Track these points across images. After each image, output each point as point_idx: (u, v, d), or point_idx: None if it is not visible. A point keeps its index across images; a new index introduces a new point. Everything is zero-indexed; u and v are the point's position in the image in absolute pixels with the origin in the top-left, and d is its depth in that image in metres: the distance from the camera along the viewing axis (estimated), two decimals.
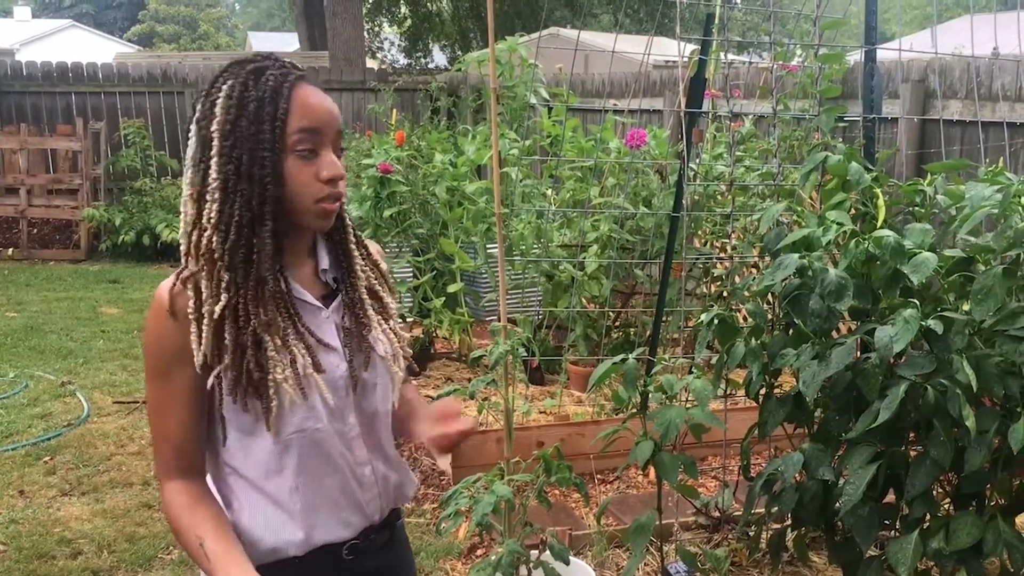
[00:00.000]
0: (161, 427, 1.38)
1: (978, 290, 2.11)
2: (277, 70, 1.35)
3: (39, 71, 10.36)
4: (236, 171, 1.32)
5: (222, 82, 1.35)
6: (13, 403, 4.94)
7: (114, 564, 3.29)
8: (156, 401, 1.38)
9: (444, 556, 3.29)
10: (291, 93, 1.33)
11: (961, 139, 5.01)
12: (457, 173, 5.44)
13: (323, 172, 1.35)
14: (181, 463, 1.39)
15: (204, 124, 1.34)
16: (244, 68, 1.35)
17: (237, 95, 1.33)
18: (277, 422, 1.35)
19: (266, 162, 1.32)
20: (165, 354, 1.35)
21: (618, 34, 5.10)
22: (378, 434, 1.50)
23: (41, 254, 9.40)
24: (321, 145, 1.35)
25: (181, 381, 1.35)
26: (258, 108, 1.32)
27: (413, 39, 17.98)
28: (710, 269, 4.67)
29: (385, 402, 1.49)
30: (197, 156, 1.35)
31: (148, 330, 1.37)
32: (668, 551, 3.06)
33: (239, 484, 1.41)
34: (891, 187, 2.81)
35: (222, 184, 1.32)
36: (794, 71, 4.04)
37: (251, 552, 1.39)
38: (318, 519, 1.41)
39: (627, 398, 2.63)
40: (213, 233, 1.32)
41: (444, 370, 5.14)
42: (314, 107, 1.35)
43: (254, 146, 1.31)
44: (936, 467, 2.16)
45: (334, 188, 1.36)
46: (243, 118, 1.32)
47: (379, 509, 1.50)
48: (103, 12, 44.01)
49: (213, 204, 1.33)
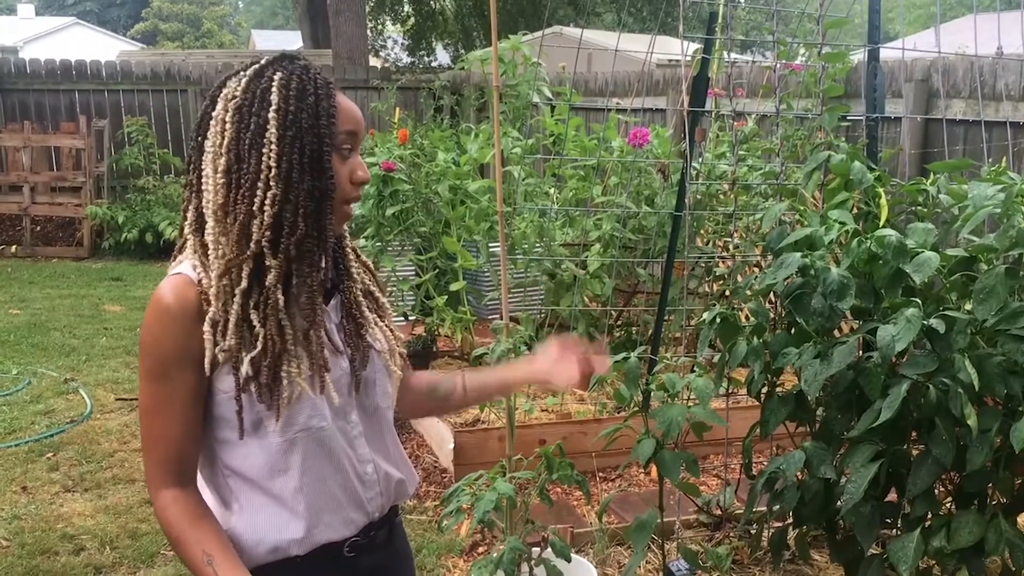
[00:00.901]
0: (157, 429, 1.36)
1: (980, 289, 2.11)
2: (318, 70, 1.36)
3: (43, 69, 10.37)
4: (300, 162, 1.31)
5: (272, 71, 1.34)
6: (16, 400, 4.95)
7: (116, 560, 3.30)
8: (154, 403, 1.35)
9: (446, 553, 3.30)
10: (335, 94, 1.36)
11: (964, 139, 5.01)
12: (460, 172, 5.44)
13: (358, 173, 1.38)
14: (176, 467, 1.36)
15: (255, 110, 1.31)
16: (295, 63, 1.35)
17: (296, 86, 1.32)
18: (283, 421, 1.35)
19: (327, 156, 1.33)
20: (166, 354, 1.33)
21: (621, 33, 5.10)
22: (380, 431, 1.50)
23: (44, 251, 9.42)
24: (356, 148, 1.39)
25: (182, 382, 1.33)
26: (316, 102, 1.32)
27: (416, 37, 17.97)
28: (712, 268, 4.67)
29: (385, 398, 1.50)
30: (239, 142, 1.32)
31: (148, 330, 1.34)
32: (670, 549, 3.06)
33: (239, 485, 1.40)
34: (894, 186, 2.81)
35: (284, 174, 1.31)
36: (797, 70, 4.04)
37: (252, 553, 1.39)
38: (321, 518, 1.41)
39: (629, 396, 2.64)
40: (271, 222, 1.31)
41: (446, 368, 5.14)
42: (352, 110, 1.39)
43: (315, 139, 1.32)
44: (938, 466, 2.16)
45: (359, 191, 1.39)
46: (304, 111, 1.31)
47: (380, 507, 1.50)
48: (107, 10, 44.05)
49: (268, 192, 1.30)
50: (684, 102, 3.52)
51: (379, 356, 1.47)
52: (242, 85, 1.34)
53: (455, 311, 5.07)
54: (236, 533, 1.39)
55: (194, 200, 1.37)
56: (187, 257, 1.37)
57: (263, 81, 1.33)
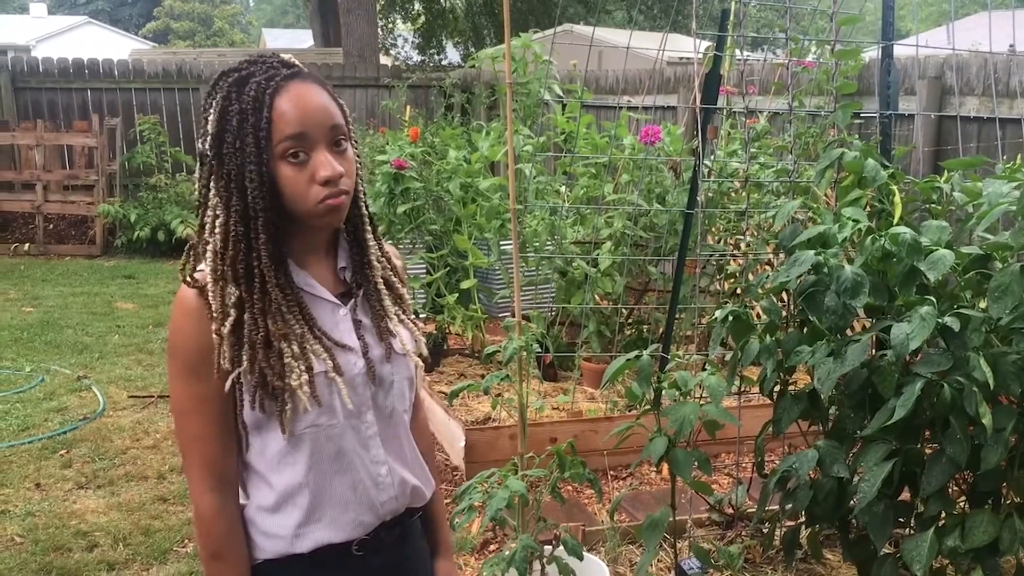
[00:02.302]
0: (195, 428, 1.36)
1: (995, 287, 2.10)
2: (262, 75, 1.33)
3: (55, 67, 10.42)
4: (226, 187, 1.33)
5: (212, 96, 1.35)
6: (29, 397, 4.98)
7: (130, 557, 3.32)
8: (189, 402, 1.36)
9: (457, 551, 3.30)
10: (273, 101, 1.31)
11: (978, 136, 4.98)
12: (471, 169, 5.44)
13: (319, 174, 1.32)
14: (219, 469, 1.36)
15: (200, 141, 1.36)
16: (228, 79, 1.34)
17: (220, 110, 1.33)
18: (291, 423, 1.35)
19: (253, 175, 1.31)
20: (197, 351, 1.33)
21: (632, 31, 5.08)
22: (396, 434, 1.48)
23: (57, 249, 9.46)
24: (312, 147, 1.33)
25: (216, 378, 1.34)
26: (241, 121, 1.31)
27: (427, 36, 17.97)
28: (724, 266, 4.66)
29: (403, 400, 1.48)
30: (196, 173, 1.38)
31: (176, 330, 1.35)
32: (681, 547, 3.06)
33: (251, 477, 1.41)
34: (907, 184, 2.79)
35: (218, 201, 1.34)
36: (809, 67, 4.02)
37: (260, 545, 1.39)
38: (328, 515, 1.40)
39: (641, 394, 2.63)
40: (216, 248, 1.34)
41: (457, 366, 5.14)
42: (299, 111, 1.32)
43: (241, 160, 1.31)
44: (952, 465, 2.15)
45: (333, 187, 1.33)
46: (228, 133, 1.32)
47: (394, 511, 1.48)
48: (118, 9, 44.19)
49: (216, 220, 1.34)
50: (696, 99, 3.51)
51: (400, 358, 1.46)
52: (204, 101, 1.38)
53: (466, 309, 5.08)
54: (247, 521, 1.40)
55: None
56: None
57: (207, 109, 1.36)
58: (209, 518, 1.37)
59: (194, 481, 1.38)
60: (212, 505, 1.36)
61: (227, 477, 1.38)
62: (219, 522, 1.37)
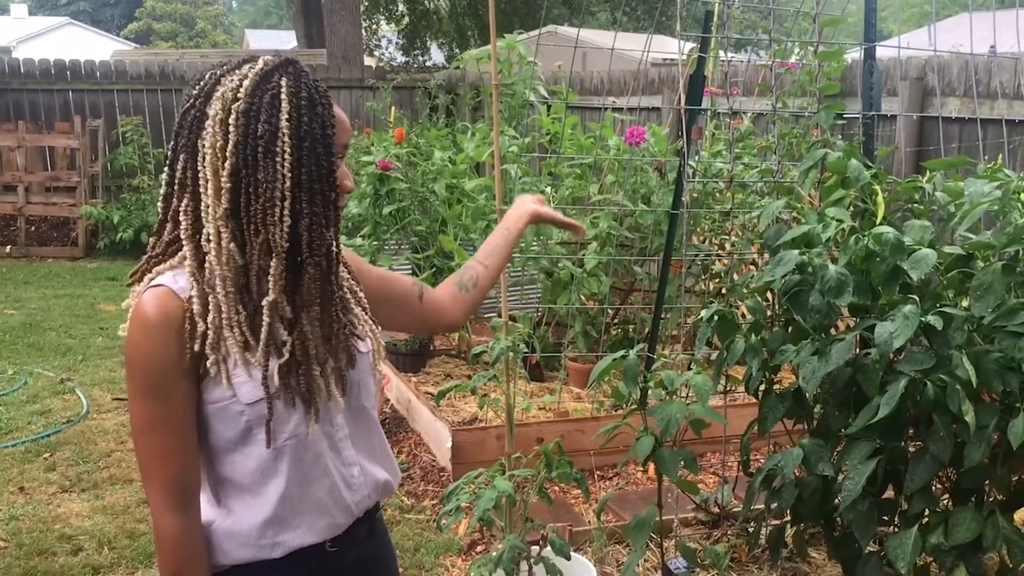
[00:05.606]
0: (157, 447, 1.32)
1: (977, 286, 2.12)
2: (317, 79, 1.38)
3: (37, 69, 10.34)
4: (317, 172, 1.32)
5: (279, 77, 1.31)
6: (12, 400, 4.94)
7: (114, 560, 3.30)
8: (151, 420, 1.31)
9: (444, 552, 3.30)
10: (333, 104, 1.38)
11: (960, 136, 5.02)
12: (456, 170, 5.44)
13: (345, 182, 1.39)
14: (182, 487, 1.33)
15: (265, 116, 1.29)
16: (298, 69, 1.34)
17: (306, 96, 1.32)
18: (274, 434, 1.35)
19: (333, 164, 1.35)
20: (162, 368, 1.29)
21: (617, 32, 5.10)
22: (367, 431, 1.50)
23: (39, 251, 9.40)
24: (344, 156, 1.41)
25: (179, 395, 1.30)
26: (323, 112, 1.34)
27: (411, 37, 17.96)
28: (709, 266, 4.67)
29: (370, 398, 1.50)
30: (246, 148, 1.28)
31: (135, 346, 1.30)
32: (668, 547, 3.07)
33: (227, 489, 1.39)
34: (890, 184, 2.81)
35: (305, 184, 1.31)
36: (793, 69, 4.04)
37: (232, 554, 1.39)
38: (305, 522, 1.41)
39: (627, 394, 2.64)
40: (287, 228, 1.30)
41: (444, 367, 5.14)
42: (345, 121, 1.43)
43: (324, 147, 1.33)
44: (935, 462, 2.17)
45: (345, 200, 1.41)
46: (315, 120, 1.32)
47: (366, 508, 1.50)
48: (100, 10, 43.89)
49: (284, 202, 1.29)
50: (680, 100, 3.53)
51: (363, 357, 1.47)
52: (246, 88, 1.30)
53: None
54: (220, 532, 1.39)
55: (190, 203, 1.32)
56: (170, 268, 1.34)
57: (271, 87, 1.30)
58: (172, 538, 1.33)
59: (156, 501, 1.33)
60: (175, 525, 1.33)
61: (191, 495, 1.35)
62: (183, 541, 1.34)
